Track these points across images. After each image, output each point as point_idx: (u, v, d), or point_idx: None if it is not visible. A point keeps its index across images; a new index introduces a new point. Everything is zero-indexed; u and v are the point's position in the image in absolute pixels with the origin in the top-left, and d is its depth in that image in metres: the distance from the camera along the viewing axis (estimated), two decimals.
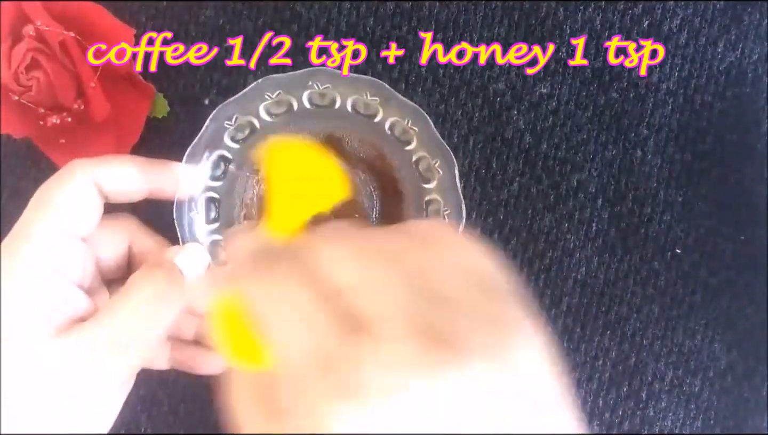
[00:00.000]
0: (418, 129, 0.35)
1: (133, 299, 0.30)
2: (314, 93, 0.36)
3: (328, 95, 0.36)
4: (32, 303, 0.29)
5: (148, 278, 0.31)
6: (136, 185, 0.33)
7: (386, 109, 0.35)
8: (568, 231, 0.41)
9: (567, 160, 0.41)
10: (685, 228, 0.41)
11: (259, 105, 0.36)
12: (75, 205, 0.31)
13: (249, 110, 0.36)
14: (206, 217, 0.38)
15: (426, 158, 0.36)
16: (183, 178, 0.35)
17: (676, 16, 0.40)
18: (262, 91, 0.35)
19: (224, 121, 0.36)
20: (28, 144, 0.40)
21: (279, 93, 0.36)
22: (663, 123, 0.41)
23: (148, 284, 0.31)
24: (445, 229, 0.24)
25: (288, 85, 0.35)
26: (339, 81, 0.35)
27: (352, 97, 0.35)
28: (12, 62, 0.36)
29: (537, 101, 0.41)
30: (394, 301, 0.20)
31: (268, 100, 0.36)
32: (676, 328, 0.42)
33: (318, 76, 0.35)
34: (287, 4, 0.40)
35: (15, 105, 0.37)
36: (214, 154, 0.37)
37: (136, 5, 0.40)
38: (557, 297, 0.42)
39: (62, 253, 0.30)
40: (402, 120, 0.35)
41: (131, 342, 0.30)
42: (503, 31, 0.40)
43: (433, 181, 0.37)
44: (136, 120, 0.39)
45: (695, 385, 0.42)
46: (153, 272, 0.32)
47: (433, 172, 0.36)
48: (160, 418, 0.42)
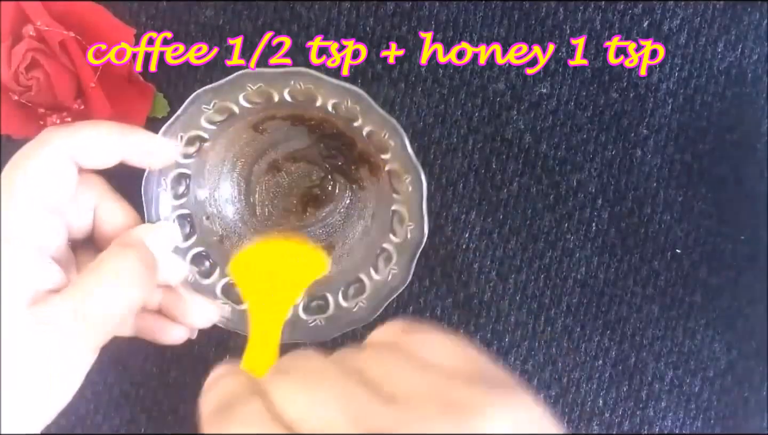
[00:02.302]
0: (394, 143, 0.35)
1: (104, 275, 0.31)
2: (296, 90, 0.36)
3: (310, 94, 0.36)
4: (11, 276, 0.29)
5: (119, 256, 0.32)
6: (111, 153, 0.33)
7: (365, 118, 0.35)
8: (568, 231, 0.41)
9: (567, 160, 0.41)
10: (685, 228, 0.41)
11: (240, 94, 0.36)
12: (51, 176, 0.31)
13: (228, 98, 0.36)
14: (174, 192, 0.38)
15: (396, 171, 0.36)
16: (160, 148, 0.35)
17: (676, 16, 0.40)
18: (244, 82, 0.36)
19: (202, 105, 0.36)
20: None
21: (260, 85, 0.36)
22: (663, 123, 0.41)
23: (119, 262, 0.31)
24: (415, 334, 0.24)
25: (270, 79, 0.35)
26: (322, 84, 0.35)
27: (333, 99, 0.36)
28: (12, 62, 0.36)
29: (537, 101, 0.41)
30: (335, 422, 0.20)
31: (249, 90, 0.36)
32: (676, 328, 0.42)
33: (302, 76, 0.35)
34: (287, 4, 0.40)
35: (15, 105, 0.37)
36: (190, 132, 0.37)
37: (136, 5, 0.40)
38: (557, 297, 0.42)
39: (38, 226, 0.31)
40: (380, 131, 0.36)
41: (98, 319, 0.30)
42: (503, 31, 0.40)
43: (400, 193, 0.37)
44: (136, 120, 0.39)
45: (695, 385, 0.42)
46: (125, 251, 0.32)
47: (404, 185, 0.36)
48: (160, 418, 0.42)
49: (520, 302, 0.42)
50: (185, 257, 0.39)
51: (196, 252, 0.39)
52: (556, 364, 0.42)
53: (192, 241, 0.39)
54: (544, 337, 0.42)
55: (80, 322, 0.30)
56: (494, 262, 0.42)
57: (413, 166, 0.35)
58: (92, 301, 0.30)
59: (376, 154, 0.37)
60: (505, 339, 0.42)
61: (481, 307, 0.42)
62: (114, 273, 0.31)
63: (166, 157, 0.36)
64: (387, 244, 0.38)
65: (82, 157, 0.32)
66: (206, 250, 0.40)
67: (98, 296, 0.30)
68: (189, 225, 0.39)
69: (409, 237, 0.37)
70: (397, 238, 0.38)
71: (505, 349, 0.42)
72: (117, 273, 0.31)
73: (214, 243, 0.40)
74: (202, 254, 0.39)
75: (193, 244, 0.39)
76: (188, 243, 0.39)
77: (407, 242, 0.37)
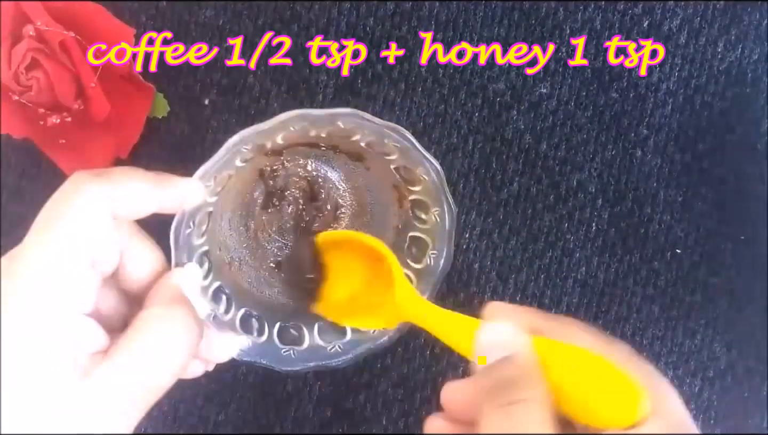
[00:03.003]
0: (428, 178, 0.35)
1: (152, 345, 0.28)
2: (336, 129, 0.34)
3: (348, 132, 0.35)
4: (58, 343, 0.26)
5: (167, 322, 0.29)
6: (147, 204, 0.30)
7: (402, 156, 0.35)
8: (568, 231, 0.41)
9: (567, 160, 0.41)
10: (685, 228, 0.41)
11: (280, 134, 0.34)
12: (89, 229, 0.28)
13: (269, 138, 0.35)
14: (199, 231, 0.36)
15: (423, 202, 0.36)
16: (195, 194, 0.33)
17: (676, 16, 0.40)
18: (288, 124, 0.33)
19: (243, 146, 0.34)
20: (28, 144, 0.40)
21: (305, 125, 0.34)
22: (663, 123, 0.41)
23: (167, 328, 0.29)
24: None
25: (315, 121, 0.34)
26: (365, 124, 0.33)
27: (371, 138, 0.35)
28: (12, 62, 0.36)
29: (537, 101, 0.41)
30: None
31: (291, 130, 0.34)
32: (676, 328, 0.42)
33: (348, 117, 0.33)
34: (287, 4, 0.40)
35: (15, 105, 0.37)
36: (223, 174, 0.35)
37: (136, 5, 0.40)
38: (557, 297, 0.42)
39: (77, 284, 0.28)
40: (413, 168, 0.35)
41: (144, 392, 0.28)
42: (503, 31, 0.40)
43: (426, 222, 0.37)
44: (136, 120, 0.39)
45: (695, 385, 0.42)
46: (173, 315, 0.29)
47: (429, 215, 0.36)
48: (160, 418, 0.42)
49: (520, 302, 0.42)
50: (207, 295, 0.37)
51: (214, 287, 0.38)
52: None
53: (211, 278, 0.38)
54: None
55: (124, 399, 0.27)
56: (494, 262, 0.42)
57: (446, 201, 0.35)
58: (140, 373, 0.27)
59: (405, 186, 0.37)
60: None
61: (481, 307, 0.42)
62: (162, 341, 0.28)
63: (197, 199, 0.33)
64: (407, 270, 0.38)
65: (119, 208, 0.29)
66: (221, 281, 0.38)
67: (147, 367, 0.28)
68: (208, 260, 0.37)
69: (431, 264, 0.37)
70: (419, 265, 0.38)
71: None
72: (165, 340, 0.28)
73: (225, 272, 0.39)
74: (218, 289, 0.38)
75: (211, 280, 0.38)
76: (208, 280, 0.37)
77: (429, 269, 0.37)
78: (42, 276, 0.26)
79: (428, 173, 0.35)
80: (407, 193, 0.37)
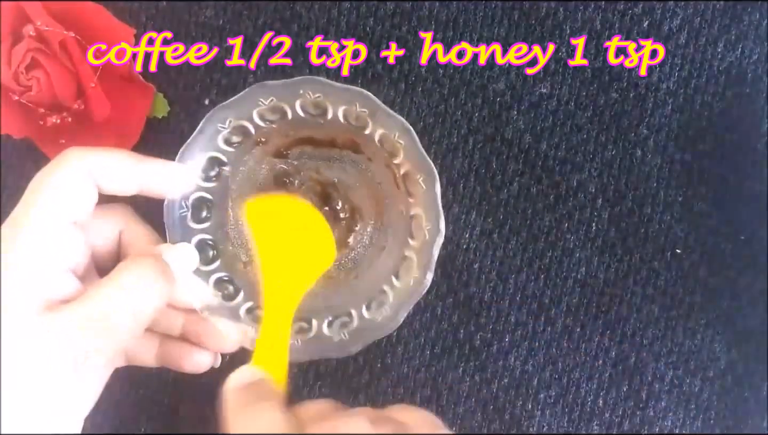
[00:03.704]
0: (404, 142, 0.35)
1: (118, 282, 0.31)
2: (306, 102, 0.36)
3: (320, 104, 0.36)
4: (26, 283, 0.30)
5: (134, 264, 0.32)
6: (128, 178, 0.34)
7: (375, 122, 0.36)
8: (568, 231, 0.41)
9: (567, 160, 0.41)
10: (685, 228, 0.41)
11: (253, 110, 0.36)
12: (70, 191, 0.32)
13: (243, 114, 0.36)
14: (196, 216, 0.38)
15: (410, 173, 0.36)
16: (175, 176, 0.36)
17: (676, 16, 0.40)
18: (255, 96, 0.36)
19: (218, 124, 0.36)
20: (28, 144, 0.40)
21: (272, 99, 0.36)
22: (663, 123, 0.41)
23: (134, 269, 0.32)
24: (425, 419, 0.28)
25: (280, 92, 0.36)
26: (329, 90, 0.35)
27: (342, 107, 0.36)
28: (12, 62, 0.36)
29: (537, 101, 0.41)
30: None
31: (262, 105, 0.36)
32: (676, 328, 0.42)
33: (309, 84, 0.35)
34: (287, 4, 0.40)
35: (15, 105, 0.37)
36: (208, 155, 0.37)
37: (136, 5, 0.40)
38: (557, 297, 0.42)
39: (56, 238, 0.31)
40: (390, 133, 0.36)
41: (112, 323, 0.30)
42: (503, 31, 0.40)
43: (416, 196, 0.37)
44: (136, 120, 0.39)
45: (695, 385, 0.42)
46: (140, 260, 0.33)
47: (418, 186, 0.36)
48: (160, 418, 0.42)
49: (520, 302, 0.42)
50: (208, 281, 0.38)
51: (219, 276, 0.39)
52: (556, 364, 0.42)
53: (215, 266, 0.39)
54: (544, 337, 0.42)
55: (90, 331, 0.30)
56: (494, 262, 0.42)
57: (425, 162, 0.35)
58: (105, 307, 0.30)
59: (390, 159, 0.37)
60: (505, 339, 0.42)
61: (481, 307, 0.42)
62: (129, 280, 0.31)
63: (183, 183, 0.37)
64: (408, 251, 0.38)
65: (100, 177, 0.33)
66: (230, 275, 0.39)
67: (112, 302, 0.30)
68: (212, 250, 0.39)
69: (427, 238, 0.37)
70: (416, 242, 0.38)
71: (505, 349, 0.42)
72: (132, 280, 0.31)
73: (240, 269, 0.40)
74: (224, 279, 0.39)
75: (216, 269, 0.39)
76: (211, 267, 0.39)
77: (427, 243, 0.37)
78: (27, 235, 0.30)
79: (402, 135, 0.35)
80: (397, 170, 0.37)
